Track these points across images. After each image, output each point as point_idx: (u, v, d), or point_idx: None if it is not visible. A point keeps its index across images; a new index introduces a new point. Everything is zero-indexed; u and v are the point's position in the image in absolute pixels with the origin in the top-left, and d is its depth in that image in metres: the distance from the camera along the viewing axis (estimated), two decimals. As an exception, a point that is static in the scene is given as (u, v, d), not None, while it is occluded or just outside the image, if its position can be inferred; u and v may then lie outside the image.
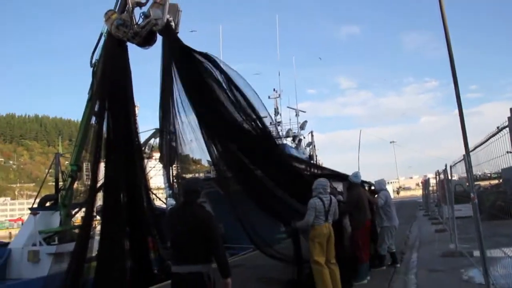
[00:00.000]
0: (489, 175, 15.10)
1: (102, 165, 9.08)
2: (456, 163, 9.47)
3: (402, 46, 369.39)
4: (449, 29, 6.44)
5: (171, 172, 9.54)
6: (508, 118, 5.36)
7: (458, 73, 6.34)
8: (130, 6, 9.25)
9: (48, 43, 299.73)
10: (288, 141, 31.85)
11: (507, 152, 4.97)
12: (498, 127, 5.28)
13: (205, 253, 4.45)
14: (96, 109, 9.94)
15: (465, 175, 7.22)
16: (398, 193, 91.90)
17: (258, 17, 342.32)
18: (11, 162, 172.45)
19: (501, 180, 18.72)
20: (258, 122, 8.73)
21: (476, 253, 7.77)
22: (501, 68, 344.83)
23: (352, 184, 8.90)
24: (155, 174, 17.53)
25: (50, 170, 16.37)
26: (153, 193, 10.56)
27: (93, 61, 11.76)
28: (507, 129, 5.05)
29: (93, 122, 10.55)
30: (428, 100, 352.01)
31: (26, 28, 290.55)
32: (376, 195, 9.71)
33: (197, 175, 9.05)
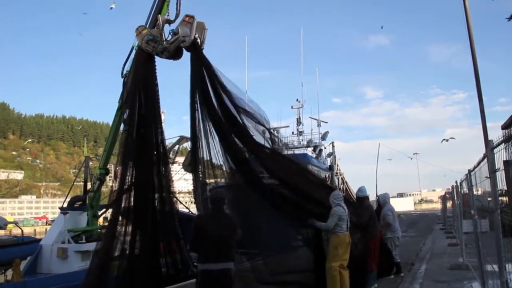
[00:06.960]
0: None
1: (129, 170, 9.61)
2: (463, 180, 9.74)
3: (430, 57, 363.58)
4: (479, 41, 6.31)
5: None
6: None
7: (487, 86, 5.89)
8: (161, 23, 9.93)
9: (75, 45, 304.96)
10: (309, 151, 32.22)
11: (486, 177, 5.30)
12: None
13: (233, 252, 5.37)
14: (125, 117, 10.55)
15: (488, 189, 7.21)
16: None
17: (284, 24, 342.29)
18: (38, 161, 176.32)
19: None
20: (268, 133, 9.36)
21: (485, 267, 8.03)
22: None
23: (360, 198, 9.34)
24: (179, 179, 18.10)
25: (80, 172, 17.05)
26: (175, 197, 11.03)
27: (124, 72, 12.43)
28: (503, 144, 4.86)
29: (122, 129, 11.11)
30: (455, 112, 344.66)
31: (57, 28, 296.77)
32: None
33: (218, 180, 9.34)
